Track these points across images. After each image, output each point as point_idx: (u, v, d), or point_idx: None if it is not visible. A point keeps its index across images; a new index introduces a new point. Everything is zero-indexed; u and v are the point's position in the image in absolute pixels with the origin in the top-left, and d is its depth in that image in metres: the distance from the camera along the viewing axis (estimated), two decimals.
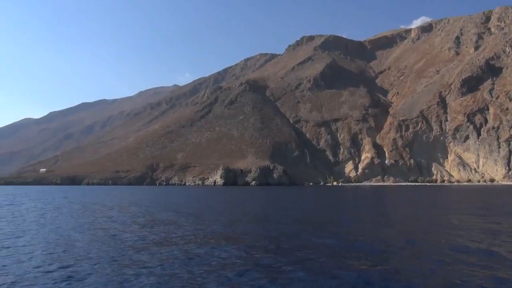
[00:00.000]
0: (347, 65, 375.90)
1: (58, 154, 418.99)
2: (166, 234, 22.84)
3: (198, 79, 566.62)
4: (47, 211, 40.22)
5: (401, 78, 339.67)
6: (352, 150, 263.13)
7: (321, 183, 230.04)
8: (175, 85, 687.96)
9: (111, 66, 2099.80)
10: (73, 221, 30.50)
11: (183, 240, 20.24)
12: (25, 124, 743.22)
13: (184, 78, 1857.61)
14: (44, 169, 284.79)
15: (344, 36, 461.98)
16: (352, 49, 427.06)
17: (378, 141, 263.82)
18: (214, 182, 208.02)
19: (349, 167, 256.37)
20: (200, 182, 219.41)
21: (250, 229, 25.16)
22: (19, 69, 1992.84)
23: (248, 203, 58.34)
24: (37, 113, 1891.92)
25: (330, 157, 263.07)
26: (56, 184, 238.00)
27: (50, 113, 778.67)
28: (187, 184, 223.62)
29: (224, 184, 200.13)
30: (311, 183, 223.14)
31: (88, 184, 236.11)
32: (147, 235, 22.22)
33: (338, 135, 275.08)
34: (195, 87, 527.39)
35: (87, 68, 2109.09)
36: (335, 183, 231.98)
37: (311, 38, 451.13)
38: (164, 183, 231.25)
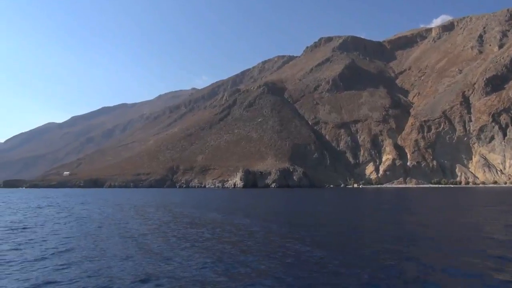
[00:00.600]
0: (366, 65, 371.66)
1: (80, 157, 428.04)
2: (234, 234, 22.72)
3: (216, 82, 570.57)
4: (91, 212, 40.46)
5: (422, 78, 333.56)
6: (373, 152, 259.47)
7: (342, 185, 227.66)
8: (193, 88, 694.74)
9: (130, 70, 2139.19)
10: (129, 222, 30.23)
11: (264, 243, 19.76)
12: (49, 128, 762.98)
13: (202, 81, 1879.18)
14: (68, 172, 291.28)
15: (362, 37, 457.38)
16: (371, 49, 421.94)
17: (399, 142, 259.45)
18: (234, 184, 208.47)
19: (369, 169, 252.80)
20: (220, 185, 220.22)
21: (313, 231, 24.23)
22: (43, 75, 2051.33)
23: (281, 205, 58.41)
24: (60, 118, 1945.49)
25: (350, 159, 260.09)
26: (79, 186, 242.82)
27: (72, 117, 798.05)
28: (207, 186, 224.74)
29: (244, 186, 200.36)
30: (331, 185, 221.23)
31: (110, 186, 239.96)
32: (218, 237, 21.97)
33: (358, 137, 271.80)
34: (213, 90, 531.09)
35: (108, 73, 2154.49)
36: (355, 185, 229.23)
37: (329, 39, 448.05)
38: (184, 186, 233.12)
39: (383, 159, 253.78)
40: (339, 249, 18.22)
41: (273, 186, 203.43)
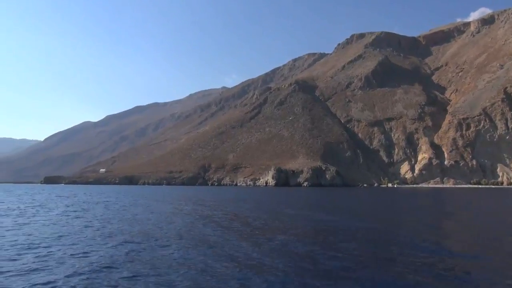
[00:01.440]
0: (400, 62, 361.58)
1: (115, 155, 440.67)
2: (333, 231, 22.68)
3: (246, 81, 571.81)
4: (156, 210, 38.79)
5: (460, 74, 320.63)
6: (408, 151, 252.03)
7: (375, 185, 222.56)
8: (223, 87, 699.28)
9: (162, 70, 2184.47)
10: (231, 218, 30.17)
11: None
12: (85, 127, 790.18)
13: (232, 80, 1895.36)
14: (104, 170, 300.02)
15: (396, 33, 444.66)
16: (406, 45, 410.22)
17: (436, 140, 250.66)
18: (266, 182, 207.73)
19: (404, 168, 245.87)
20: (251, 183, 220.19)
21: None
22: (79, 76, 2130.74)
23: (338, 202, 59.02)
24: (96, 117, 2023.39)
25: (384, 158, 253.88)
26: (114, 183, 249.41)
27: (107, 116, 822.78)
28: (238, 184, 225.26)
29: (276, 184, 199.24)
30: (365, 185, 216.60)
31: (144, 184, 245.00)
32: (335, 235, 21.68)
33: (392, 135, 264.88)
34: (243, 88, 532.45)
35: (140, 73, 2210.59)
36: (390, 185, 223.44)
37: (361, 35, 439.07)
38: (216, 183, 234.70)
39: (419, 158, 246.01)
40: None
41: (305, 184, 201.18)
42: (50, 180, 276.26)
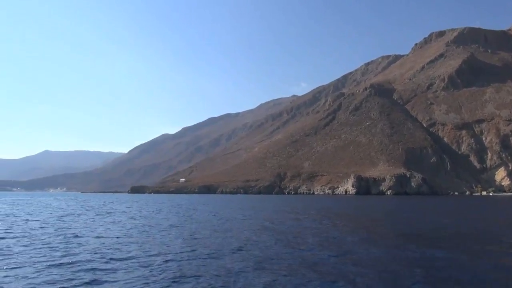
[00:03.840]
0: (488, 58, 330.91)
1: (192, 165, 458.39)
2: None
3: (317, 88, 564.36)
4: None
5: None
6: (503, 155, 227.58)
7: (467, 193, 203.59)
8: (294, 96, 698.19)
9: (233, 81, 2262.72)
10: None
11: None
12: (164, 139, 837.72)
13: (300, 88, 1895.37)
14: (184, 179, 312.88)
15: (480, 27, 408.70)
16: (493, 40, 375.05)
17: None
18: (345, 191, 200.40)
19: (500, 174, 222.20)
20: (329, 191, 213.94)
21: None
22: (158, 91, 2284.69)
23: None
24: (173, 129, 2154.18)
25: (475, 163, 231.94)
26: (194, 192, 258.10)
27: (183, 128, 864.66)
28: (315, 193, 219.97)
29: (357, 193, 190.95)
30: (456, 193, 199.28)
31: (221, 193, 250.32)
32: None
33: (484, 138, 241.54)
34: (315, 95, 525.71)
35: (213, 85, 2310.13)
36: (484, 193, 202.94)
37: (441, 33, 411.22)
38: (292, 192, 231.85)
39: None
40: None
41: (388, 193, 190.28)
42: (135, 190, 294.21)
